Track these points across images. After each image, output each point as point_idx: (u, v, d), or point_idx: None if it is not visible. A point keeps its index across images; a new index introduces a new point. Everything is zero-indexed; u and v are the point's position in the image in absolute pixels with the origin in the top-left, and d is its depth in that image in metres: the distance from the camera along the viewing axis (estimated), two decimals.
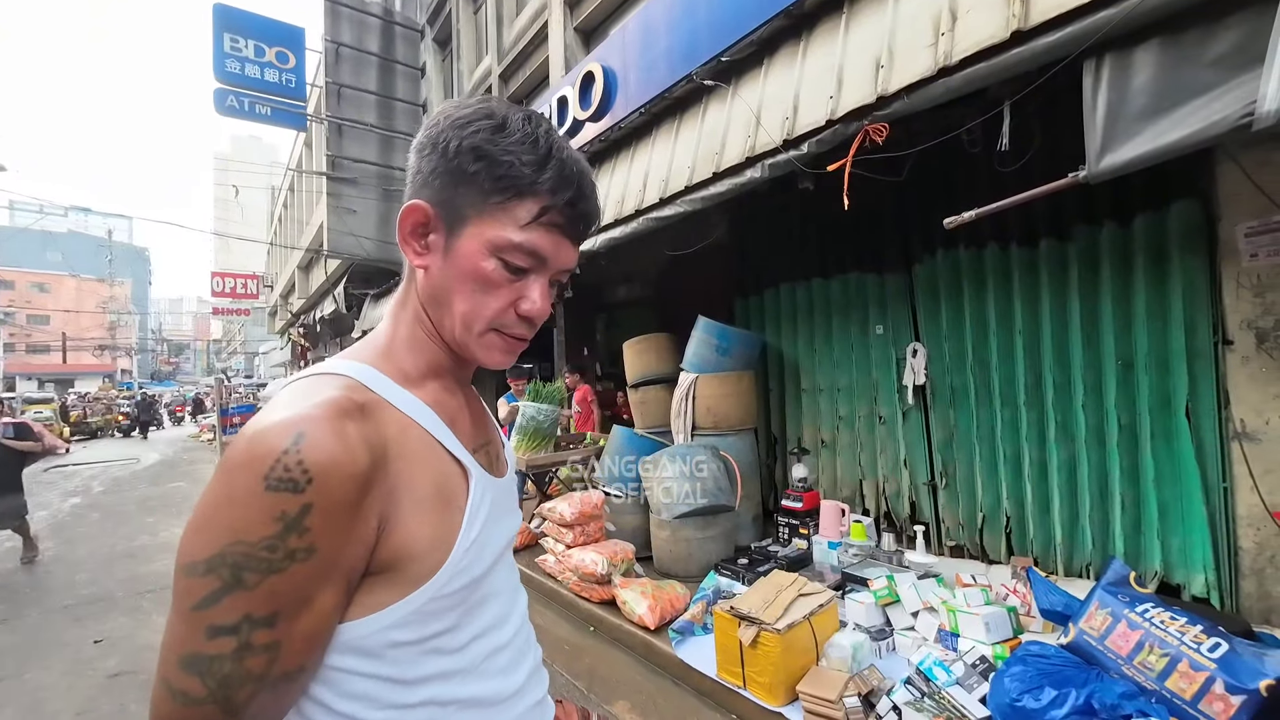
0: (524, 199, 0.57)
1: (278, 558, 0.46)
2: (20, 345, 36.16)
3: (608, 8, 6.36)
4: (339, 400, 0.52)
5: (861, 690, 2.10)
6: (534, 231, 0.58)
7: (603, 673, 2.81)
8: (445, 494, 0.58)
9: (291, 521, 0.46)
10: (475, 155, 0.56)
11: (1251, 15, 1.64)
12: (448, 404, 0.64)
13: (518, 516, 0.76)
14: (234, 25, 8.60)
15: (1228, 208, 2.46)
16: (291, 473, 0.46)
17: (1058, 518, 3.00)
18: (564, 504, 3.68)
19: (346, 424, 0.50)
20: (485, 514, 0.62)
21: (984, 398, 3.30)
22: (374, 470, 0.51)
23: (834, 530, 3.41)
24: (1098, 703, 1.67)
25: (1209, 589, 2.50)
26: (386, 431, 0.54)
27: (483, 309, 0.60)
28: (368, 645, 0.53)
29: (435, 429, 0.60)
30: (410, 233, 0.60)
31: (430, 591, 0.55)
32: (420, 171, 0.60)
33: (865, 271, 3.92)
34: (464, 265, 0.58)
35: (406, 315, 0.65)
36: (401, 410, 0.57)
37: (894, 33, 2.50)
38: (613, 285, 7.26)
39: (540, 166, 0.57)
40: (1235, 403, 2.47)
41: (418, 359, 0.64)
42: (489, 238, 0.57)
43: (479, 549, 0.60)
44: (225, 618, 0.45)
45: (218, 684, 0.45)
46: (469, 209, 0.58)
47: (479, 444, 0.69)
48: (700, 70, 3.65)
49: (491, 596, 0.64)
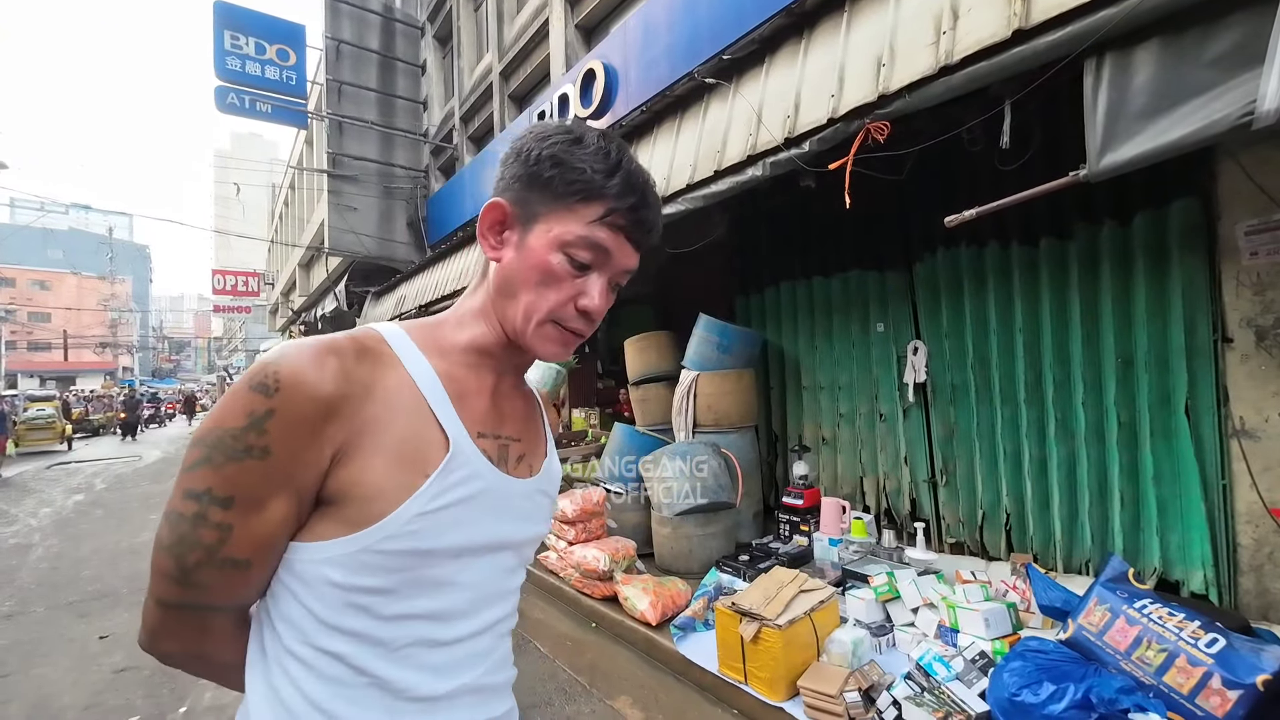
0: (591, 201, 0.62)
1: (240, 447, 0.53)
2: (22, 343, 36.22)
3: (609, 5, 6.36)
4: (339, 340, 0.59)
5: (862, 685, 2.11)
6: (598, 228, 0.62)
7: (604, 668, 2.83)
8: (413, 454, 0.58)
9: (256, 420, 0.53)
10: (553, 162, 0.62)
11: (1251, 15, 1.64)
12: (464, 380, 0.66)
13: (534, 526, 0.72)
14: (235, 23, 8.60)
15: (1228, 206, 2.47)
16: (267, 379, 0.54)
17: (1057, 515, 3.01)
18: (566, 501, 3.69)
19: (330, 357, 0.56)
20: (462, 497, 0.61)
21: (984, 395, 3.31)
22: (340, 401, 0.55)
23: (835, 527, 3.42)
24: (1096, 697, 1.69)
25: (1208, 585, 2.52)
26: (379, 379, 0.58)
27: (543, 300, 0.63)
28: (305, 572, 0.57)
29: (431, 394, 0.61)
30: (489, 228, 0.66)
31: (367, 540, 0.56)
32: (503, 178, 0.66)
33: (866, 269, 3.93)
34: (532, 259, 0.63)
35: (473, 301, 0.69)
36: (408, 371, 0.61)
37: (895, 31, 2.50)
38: None
39: (610, 174, 0.62)
40: (1234, 400, 2.48)
41: (463, 335, 0.67)
42: (557, 233, 0.62)
43: (442, 525, 0.59)
44: (196, 484, 0.53)
45: (177, 539, 0.54)
46: (542, 208, 0.63)
47: (493, 433, 0.68)
48: (702, 68, 3.65)
49: (446, 585, 0.62)
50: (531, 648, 3.10)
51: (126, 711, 2.65)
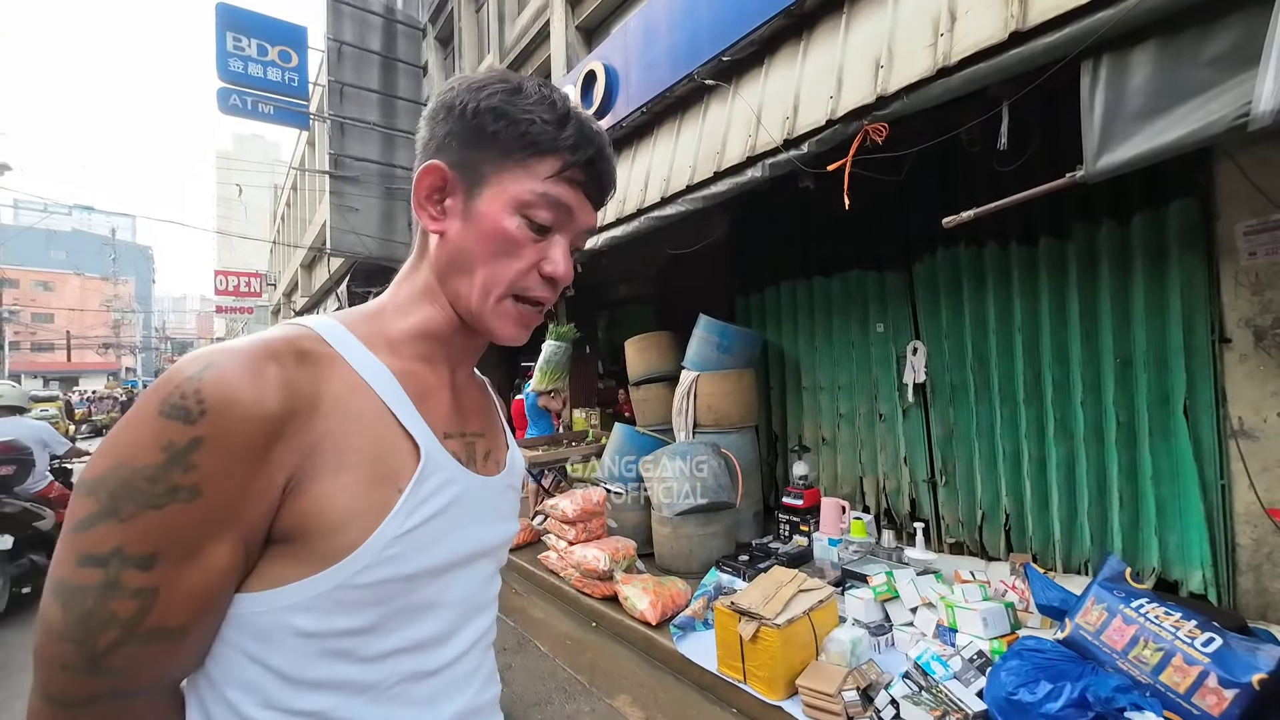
0: (545, 156, 0.56)
1: (157, 491, 0.42)
2: (25, 343, 36.34)
3: (609, 6, 6.37)
4: (273, 341, 0.49)
5: (860, 684, 2.12)
6: (557, 185, 0.56)
7: (604, 667, 2.84)
8: (382, 469, 0.51)
9: (177, 454, 0.42)
10: (495, 115, 0.55)
11: (1247, 16, 1.65)
12: (422, 377, 0.59)
13: (508, 525, 0.67)
14: (237, 24, 8.63)
15: (1226, 206, 2.48)
16: (186, 401, 0.43)
17: (1056, 515, 3.02)
18: (566, 501, 3.70)
19: (268, 364, 0.47)
20: (439, 507, 0.54)
21: (983, 395, 3.31)
22: (288, 418, 0.46)
23: (834, 527, 3.43)
24: (1092, 696, 1.69)
25: (1206, 585, 2.52)
26: (326, 385, 0.50)
27: (504, 271, 0.57)
28: (263, 626, 0.47)
29: (391, 397, 0.54)
30: (427, 196, 0.58)
31: (340, 575, 0.47)
32: (434, 137, 0.58)
33: (865, 270, 3.94)
34: (486, 225, 0.56)
35: (415, 281, 0.61)
36: (357, 371, 0.53)
37: (893, 33, 2.51)
38: (614, 284, 7.27)
39: (561, 124, 0.56)
40: (1233, 400, 2.48)
41: (408, 324, 0.59)
42: (512, 194, 0.55)
43: (423, 543, 0.52)
44: (96, 547, 0.41)
45: (77, 619, 0.41)
46: (489, 167, 0.56)
47: (458, 432, 0.62)
48: (701, 70, 3.67)
49: (434, 608, 0.56)
50: (532, 646, 3.11)
51: None
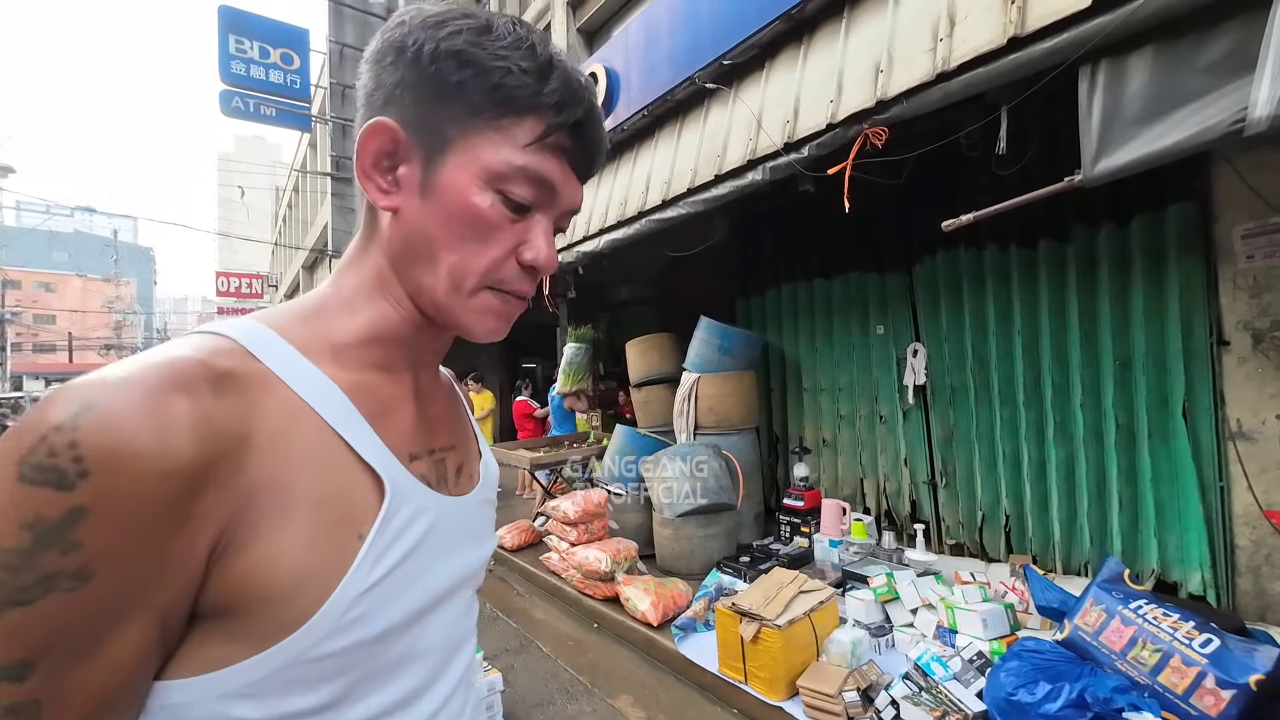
0: (524, 116, 0.45)
1: (24, 584, 0.31)
2: (27, 345, 36.41)
3: (610, 9, 6.40)
4: (178, 363, 0.37)
5: (860, 685, 2.14)
6: (538, 154, 0.46)
7: (606, 668, 2.85)
8: (338, 512, 0.42)
9: (49, 532, 0.32)
10: (459, 60, 0.44)
11: (1243, 23, 1.66)
12: (379, 390, 0.48)
13: (486, 545, 0.59)
14: (239, 27, 8.67)
15: (1224, 210, 2.49)
16: (58, 459, 0.32)
17: (1056, 516, 3.03)
18: (568, 502, 3.72)
19: (175, 398, 0.35)
20: (411, 546, 0.46)
21: (983, 397, 3.33)
22: (208, 467, 0.36)
23: (835, 528, 3.44)
24: (1090, 696, 1.71)
25: (1205, 587, 2.53)
26: (258, 416, 0.39)
27: (476, 259, 0.47)
28: (193, 718, 0.38)
29: (342, 421, 0.44)
30: (373, 163, 0.46)
31: (292, 651, 0.38)
32: (381, 86, 0.46)
33: (866, 272, 3.95)
34: (452, 202, 0.45)
35: (360, 270, 0.50)
36: (297, 392, 0.42)
37: (893, 37, 2.53)
38: (615, 285, 7.29)
39: (542, 75, 0.45)
40: (1231, 403, 2.49)
41: (359, 327, 0.49)
42: (485, 164, 0.45)
43: (389, 595, 0.43)
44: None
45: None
46: (453, 129, 0.45)
47: (425, 450, 0.52)
48: (702, 73, 3.68)
49: (412, 660, 0.47)
50: (533, 647, 3.13)
51: None
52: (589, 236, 4.42)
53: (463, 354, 9.14)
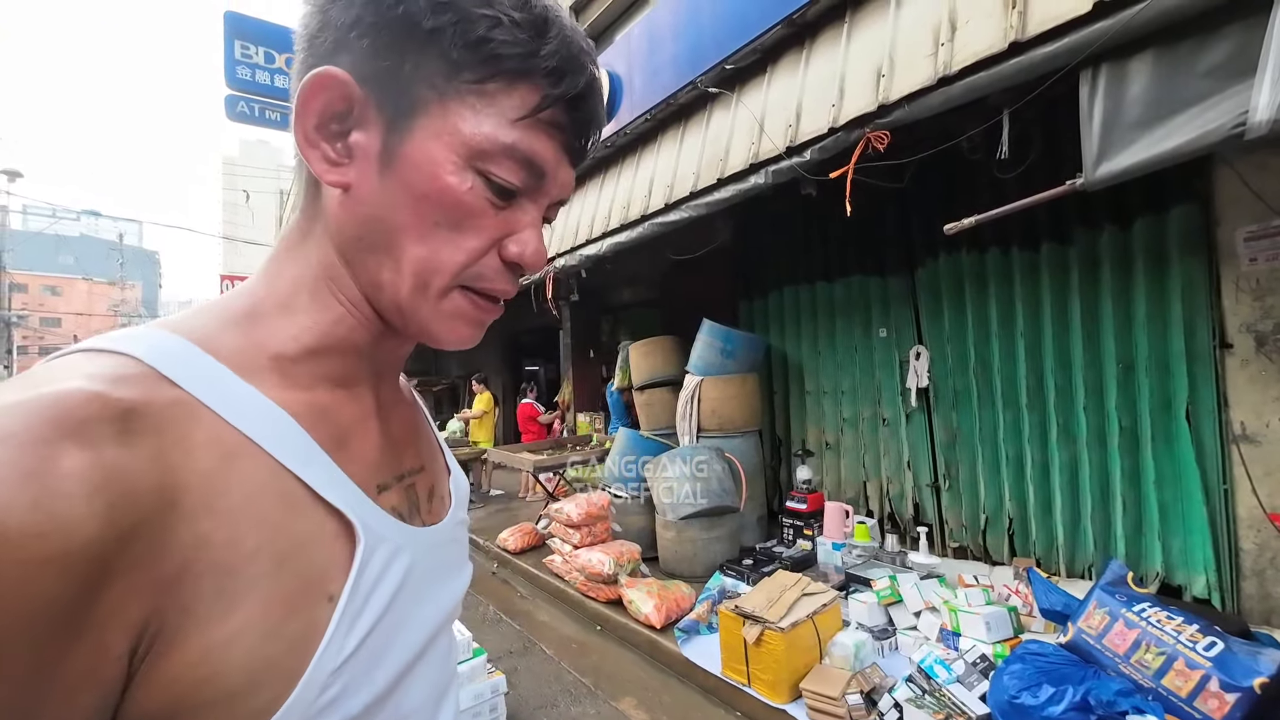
0: (515, 83, 0.37)
1: None
2: (33, 348, 36.62)
3: (613, 13, 6.42)
4: (69, 400, 0.27)
5: (864, 688, 2.14)
6: (530, 130, 0.37)
7: (609, 670, 2.86)
8: (299, 574, 0.33)
9: None
10: (435, 2, 0.35)
11: (1243, 27, 1.67)
12: (337, 411, 0.40)
13: (464, 575, 0.51)
14: (245, 32, 8.73)
15: (1226, 212, 2.49)
16: None
17: (1059, 519, 3.02)
18: (571, 505, 3.73)
19: (61, 450, 0.26)
20: (390, 596, 0.38)
21: (986, 400, 3.33)
22: (120, 543, 0.27)
23: (838, 531, 3.45)
24: (1094, 700, 1.71)
25: (1210, 590, 2.53)
26: (181, 463, 0.30)
27: (450, 251, 0.38)
28: None
29: (296, 456, 0.35)
30: (317, 126, 0.36)
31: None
32: (329, 26, 0.36)
33: (868, 275, 3.96)
34: (420, 181, 0.36)
35: (300, 262, 0.40)
36: (233, 423, 0.33)
37: (895, 42, 2.54)
38: (618, 288, 7.31)
39: (539, 33, 0.37)
40: (1235, 405, 2.49)
41: (302, 327, 0.39)
42: (464, 137, 0.36)
43: (372, 659, 0.36)
44: None
45: None
46: (425, 89, 0.36)
47: (395, 476, 0.44)
48: (705, 77, 3.70)
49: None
50: (537, 650, 3.13)
51: None
52: (592, 240, 4.44)
53: (463, 352, 9.16)
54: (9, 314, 25.43)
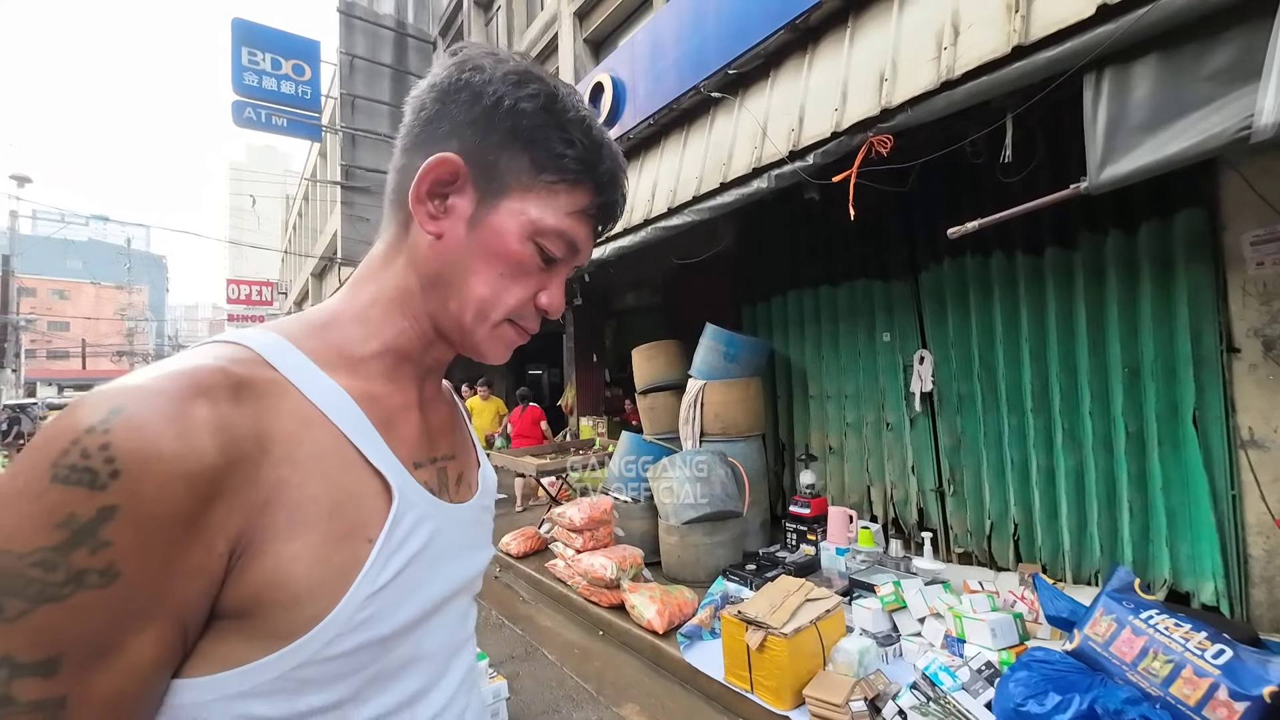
0: (575, 188, 0.51)
1: (55, 580, 0.32)
2: (41, 351, 36.92)
3: (617, 19, 6.46)
4: (199, 371, 0.39)
5: (867, 695, 2.12)
6: (576, 220, 0.52)
7: (611, 676, 2.84)
8: (349, 518, 0.43)
9: (82, 530, 0.33)
10: (533, 123, 0.49)
11: (1247, 31, 1.67)
12: (388, 400, 0.51)
13: (484, 554, 0.61)
14: (252, 39, 8.82)
15: (1233, 216, 2.48)
16: (91, 460, 0.34)
17: (1065, 525, 3.00)
18: (574, 509, 3.72)
19: (197, 402, 0.38)
20: (415, 551, 0.47)
21: (991, 404, 3.31)
22: (229, 471, 0.38)
23: (842, 536, 3.43)
24: (1101, 708, 1.69)
25: (1219, 597, 2.50)
26: (273, 423, 0.41)
27: (507, 296, 0.52)
28: (208, 715, 0.39)
29: (353, 428, 0.46)
30: (430, 190, 0.49)
31: (306, 651, 0.40)
32: (448, 118, 0.50)
33: (871, 279, 3.95)
34: (495, 243, 0.50)
35: (381, 284, 0.53)
36: (311, 399, 0.44)
37: (897, 47, 2.54)
38: (621, 292, 7.33)
39: (597, 155, 0.52)
40: (1242, 410, 2.47)
41: (370, 334, 0.51)
42: (533, 218, 0.50)
43: (396, 599, 0.45)
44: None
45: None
46: (513, 179, 0.50)
47: (429, 458, 0.55)
48: (707, 82, 3.72)
49: (415, 662, 0.49)
50: (539, 655, 3.12)
51: None
52: (596, 244, 4.45)
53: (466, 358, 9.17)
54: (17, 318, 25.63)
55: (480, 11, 9.66)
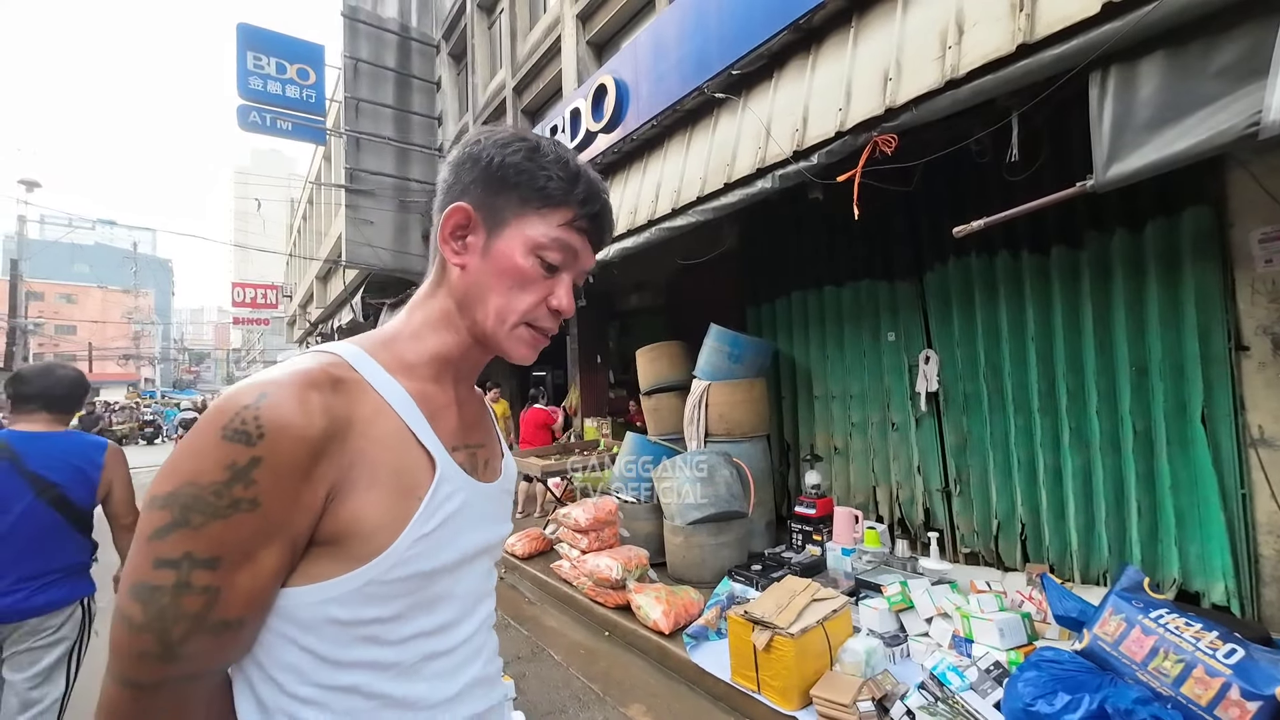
0: (559, 207, 0.65)
1: (223, 504, 0.49)
2: (49, 355, 37.14)
3: (619, 21, 6.48)
4: (311, 371, 0.56)
5: (875, 695, 2.11)
6: (567, 232, 0.66)
7: (618, 676, 2.84)
8: (405, 481, 0.59)
9: (239, 471, 0.50)
10: (517, 169, 0.64)
11: (1254, 28, 1.66)
12: (434, 398, 0.66)
13: (505, 526, 0.77)
14: (257, 44, 8.87)
15: (1241, 214, 2.47)
16: (247, 426, 0.50)
17: (1073, 524, 2.98)
18: (579, 510, 3.73)
19: (311, 392, 0.54)
20: (450, 512, 0.62)
21: (997, 404, 3.30)
22: (329, 440, 0.54)
23: (847, 537, 3.42)
24: (1111, 708, 1.68)
25: (1229, 597, 2.48)
26: (356, 409, 0.57)
27: (517, 303, 0.65)
28: (304, 616, 0.55)
29: (410, 417, 0.61)
30: (451, 233, 0.66)
31: (371, 573, 0.56)
32: (459, 182, 0.66)
33: (876, 279, 3.95)
34: (503, 263, 0.64)
35: (428, 310, 0.69)
36: (380, 394, 0.60)
37: (901, 46, 2.54)
38: (625, 293, 7.33)
39: (573, 183, 0.66)
40: (1251, 409, 2.46)
41: (421, 348, 0.67)
42: (529, 235, 0.64)
43: (436, 545, 0.60)
44: (170, 551, 0.49)
45: (155, 614, 0.48)
46: (509, 213, 0.64)
47: (463, 444, 0.69)
48: (711, 83, 3.72)
49: (446, 598, 0.64)
50: (545, 656, 3.12)
51: None
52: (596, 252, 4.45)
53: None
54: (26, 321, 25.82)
55: (483, 15, 9.69)
